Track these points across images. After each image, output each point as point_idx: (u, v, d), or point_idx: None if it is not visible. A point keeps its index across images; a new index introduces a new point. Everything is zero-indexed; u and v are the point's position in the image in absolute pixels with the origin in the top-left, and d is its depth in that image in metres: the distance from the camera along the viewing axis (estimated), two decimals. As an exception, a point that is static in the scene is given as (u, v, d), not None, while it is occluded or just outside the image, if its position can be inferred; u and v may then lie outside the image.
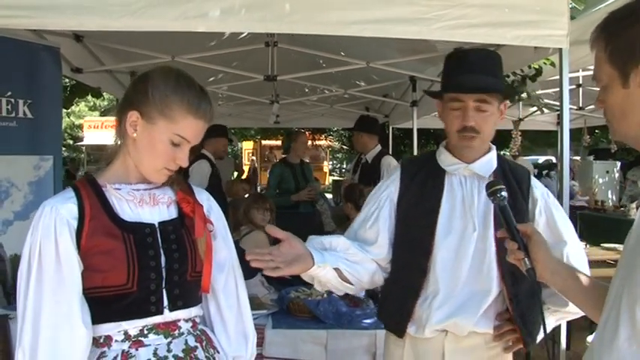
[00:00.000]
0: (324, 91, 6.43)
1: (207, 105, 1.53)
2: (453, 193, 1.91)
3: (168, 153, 1.51)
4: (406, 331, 1.89)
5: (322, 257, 1.77)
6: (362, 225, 1.97)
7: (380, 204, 1.96)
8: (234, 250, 1.74)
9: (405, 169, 2.00)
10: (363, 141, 5.30)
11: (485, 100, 1.81)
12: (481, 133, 1.83)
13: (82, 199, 1.47)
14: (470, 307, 1.84)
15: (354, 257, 1.88)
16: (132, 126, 1.51)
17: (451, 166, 1.92)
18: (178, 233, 1.56)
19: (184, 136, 1.50)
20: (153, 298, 1.49)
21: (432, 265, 1.86)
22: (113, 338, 1.47)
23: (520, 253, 1.45)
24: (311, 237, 1.87)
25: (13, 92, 3.18)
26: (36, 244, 1.41)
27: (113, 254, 1.44)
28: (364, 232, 1.95)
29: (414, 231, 1.91)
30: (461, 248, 1.86)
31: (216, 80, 6.08)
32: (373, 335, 2.78)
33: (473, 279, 1.85)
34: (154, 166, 1.52)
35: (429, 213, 1.88)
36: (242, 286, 1.72)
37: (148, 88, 1.50)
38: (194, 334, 1.59)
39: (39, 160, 3.31)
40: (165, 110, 1.48)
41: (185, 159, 1.52)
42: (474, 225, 1.86)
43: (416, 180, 1.95)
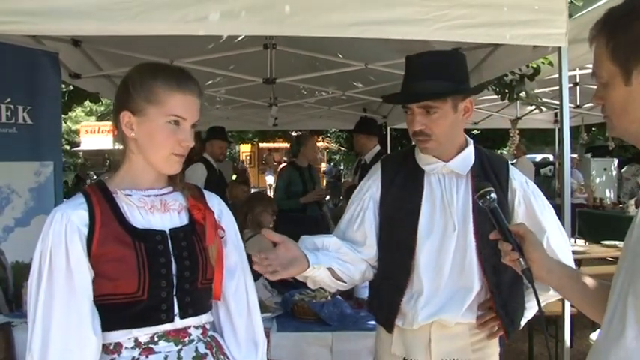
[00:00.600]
0: (322, 93, 6.43)
1: (190, 80, 1.53)
2: (433, 192, 1.95)
3: (169, 137, 1.50)
4: (395, 324, 1.96)
5: (316, 258, 1.82)
6: (349, 226, 2.01)
7: (364, 205, 1.99)
8: (244, 255, 1.73)
9: (385, 169, 2.03)
10: (362, 142, 5.32)
11: (429, 105, 1.84)
12: (433, 135, 1.86)
13: (92, 206, 1.47)
14: (454, 304, 1.90)
15: (346, 257, 1.93)
16: (128, 127, 1.52)
17: (429, 165, 1.95)
18: (189, 240, 1.55)
19: (178, 114, 1.50)
20: (164, 305, 1.48)
21: (416, 265, 1.91)
22: (123, 345, 1.47)
23: (515, 253, 1.45)
24: (303, 237, 1.91)
25: (12, 98, 3.18)
26: (47, 252, 1.41)
27: (124, 262, 1.44)
28: (352, 234, 1.99)
29: (397, 231, 1.96)
30: (442, 247, 1.91)
31: (214, 83, 6.07)
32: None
33: (455, 276, 1.91)
34: (162, 156, 1.51)
35: (411, 214, 1.93)
36: (252, 291, 1.72)
37: (129, 85, 1.52)
38: (204, 340, 1.58)
39: (39, 166, 3.30)
40: (150, 97, 1.49)
41: (188, 138, 1.51)
42: (454, 224, 1.91)
43: (396, 181, 1.98)
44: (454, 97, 1.87)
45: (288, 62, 4.93)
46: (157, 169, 1.55)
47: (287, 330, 2.84)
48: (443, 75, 1.87)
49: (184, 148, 1.53)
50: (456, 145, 1.95)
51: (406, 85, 1.92)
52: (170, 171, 1.55)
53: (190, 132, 1.53)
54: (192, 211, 1.58)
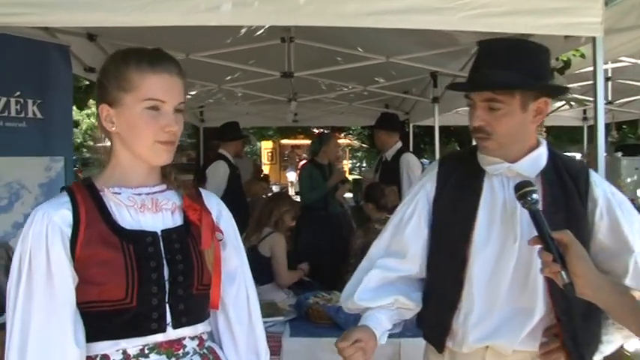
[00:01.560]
0: (343, 88, 6.30)
1: (166, 58, 1.40)
2: (494, 196, 1.70)
3: (150, 124, 1.36)
4: (446, 346, 1.75)
5: (382, 329, 1.75)
6: (396, 232, 1.82)
7: (417, 205, 1.80)
8: (245, 259, 1.60)
9: (443, 166, 1.82)
10: (383, 139, 5.17)
11: (495, 98, 1.61)
12: (493, 134, 1.63)
13: (77, 205, 1.35)
14: (511, 328, 1.65)
15: (407, 307, 1.80)
16: (108, 121, 1.40)
17: (491, 165, 1.70)
18: (183, 242, 1.42)
19: (154, 97, 1.36)
20: (154, 314, 1.35)
21: (468, 278, 1.69)
22: (110, 357, 1.35)
23: (556, 265, 1.30)
24: (357, 297, 1.80)
25: (22, 92, 3.10)
26: (26, 254, 1.29)
27: (110, 266, 1.31)
28: (399, 242, 1.81)
29: (448, 238, 1.74)
30: (501, 260, 1.67)
31: (233, 79, 5.99)
32: (397, 344, 2.63)
33: (515, 296, 1.66)
34: (145, 146, 1.38)
35: (465, 218, 1.70)
36: (254, 298, 1.59)
37: (102, 77, 1.41)
38: (200, 352, 1.45)
39: (49, 161, 3.23)
40: (122, 84, 1.36)
41: (172, 123, 1.36)
42: (515, 234, 1.66)
43: (452, 180, 1.77)
44: (524, 93, 1.62)
45: (308, 56, 4.80)
46: (146, 162, 1.42)
47: (300, 335, 2.72)
48: (515, 65, 1.62)
49: (169, 134, 1.38)
50: (524, 146, 1.70)
51: (471, 73, 1.71)
52: (159, 161, 1.42)
53: (174, 116, 1.38)
54: (187, 211, 1.46)
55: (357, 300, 1.78)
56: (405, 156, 5.05)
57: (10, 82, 3.05)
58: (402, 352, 2.60)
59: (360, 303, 1.78)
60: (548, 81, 1.70)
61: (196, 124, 8.45)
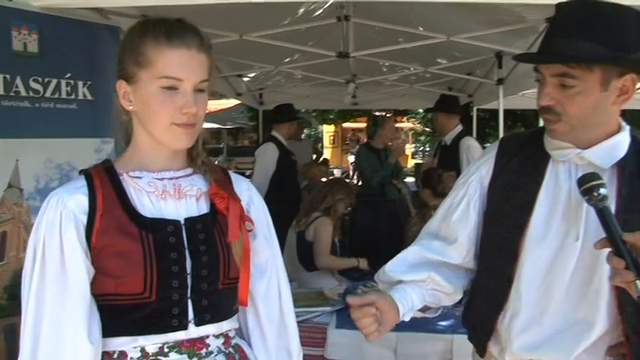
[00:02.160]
0: (403, 69, 6.09)
1: (185, 30, 1.26)
2: (558, 186, 1.47)
3: (166, 103, 1.24)
4: (488, 350, 1.56)
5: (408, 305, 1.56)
6: (446, 216, 1.64)
7: (468, 190, 1.61)
8: (278, 251, 1.48)
9: (503, 148, 1.60)
10: (442, 121, 4.96)
11: (568, 73, 1.36)
12: (563, 115, 1.40)
13: (94, 190, 1.25)
14: (564, 341, 1.43)
15: (442, 288, 1.62)
16: (125, 98, 1.29)
17: (558, 150, 1.47)
18: (208, 232, 1.31)
19: (170, 75, 1.24)
20: (175, 309, 1.25)
21: (518, 276, 1.48)
22: (128, 355, 1.26)
23: (629, 274, 1.12)
24: (388, 268, 1.65)
25: (72, 74, 3.08)
26: (39, 242, 1.21)
27: (128, 257, 1.22)
28: (447, 227, 1.63)
29: (500, 228, 1.54)
30: (557, 260, 1.44)
31: (292, 61, 5.91)
32: (449, 341, 2.48)
33: (572, 304, 1.44)
34: (161, 127, 1.26)
35: (521, 207, 1.49)
36: (287, 293, 1.46)
37: (120, 50, 1.30)
38: (226, 352, 1.35)
39: (100, 143, 3.20)
40: (139, 59, 1.24)
41: (190, 104, 1.24)
42: (577, 232, 1.42)
43: (511, 163, 1.55)
44: (606, 68, 1.36)
45: (366, 36, 4.64)
46: (163, 143, 1.30)
47: (347, 327, 2.59)
48: (596, 34, 1.35)
49: (187, 116, 1.25)
50: (601, 132, 1.45)
51: (543, 43, 1.46)
52: (177, 145, 1.30)
53: (194, 96, 1.25)
54: (213, 198, 1.33)
55: (388, 270, 1.63)
56: (466, 140, 4.82)
57: (61, 64, 3.02)
58: (455, 349, 2.44)
59: (391, 274, 1.62)
60: (637, 55, 1.39)
61: (255, 106, 8.43)
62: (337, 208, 3.80)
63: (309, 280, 3.53)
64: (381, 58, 5.38)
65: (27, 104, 3.00)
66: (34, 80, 3.01)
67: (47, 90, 3.05)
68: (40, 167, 3.01)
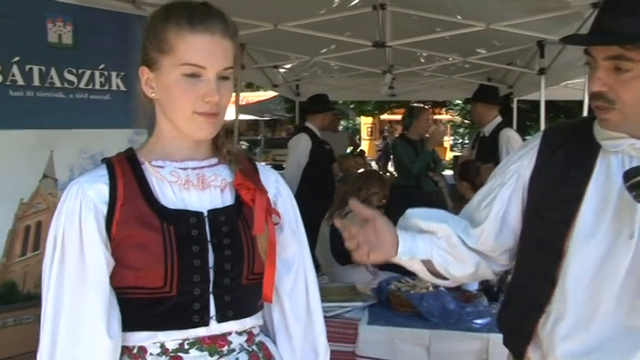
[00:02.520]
0: (442, 60, 5.97)
1: (209, 15, 1.20)
2: (609, 179, 1.33)
3: (188, 91, 1.19)
4: (526, 355, 1.43)
5: (410, 247, 1.45)
6: (479, 203, 1.54)
7: (504, 179, 1.49)
8: (306, 245, 1.42)
9: (548, 138, 1.48)
10: (480, 112, 4.83)
11: (622, 55, 1.23)
12: (617, 103, 1.27)
13: (115, 179, 1.21)
14: (615, 351, 1.29)
15: (453, 250, 1.49)
16: (148, 85, 1.24)
17: (610, 140, 1.34)
18: (233, 225, 1.26)
19: (192, 62, 1.18)
20: (196, 305, 1.20)
21: (563, 276, 1.35)
22: (148, 350, 1.22)
23: None
24: (410, 212, 1.53)
25: (106, 65, 3.09)
26: (59, 232, 1.17)
27: (148, 249, 1.17)
28: (477, 212, 1.53)
29: (544, 225, 1.41)
30: (608, 260, 1.31)
31: (329, 51, 5.85)
32: (485, 339, 2.39)
33: (624, 309, 1.30)
34: (182, 116, 1.21)
35: (568, 203, 1.36)
36: (314, 290, 1.40)
37: (143, 35, 1.25)
38: (249, 349, 1.29)
39: (133, 134, 3.20)
40: (161, 45, 1.19)
41: (212, 93, 1.19)
42: (631, 229, 1.28)
43: (557, 155, 1.42)
44: None
45: (403, 26, 4.54)
46: (185, 132, 1.24)
47: (379, 323, 2.53)
48: None
49: (210, 105, 1.20)
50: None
51: (595, 23, 1.33)
52: (199, 135, 1.25)
53: (217, 84, 1.20)
54: (239, 189, 1.28)
55: (408, 213, 1.54)
56: (505, 131, 4.68)
57: (95, 55, 3.03)
58: (491, 349, 2.35)
59: (410, 217, 1.53)
60: None
61: (292, 98, 8.40)
62: (371, 200, 3.73)
63: (342, 274, 3.48)
64: (419, 48, 5.27)
65: (61, 95, 3.03)
66: (68, 71, 3.03)
67: (81, 81, 3.06)
68: (75, 158, 3.03)
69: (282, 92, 8.27)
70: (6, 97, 2.88)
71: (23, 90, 2.92)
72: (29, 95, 2.94)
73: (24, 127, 2.93)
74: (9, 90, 2.88)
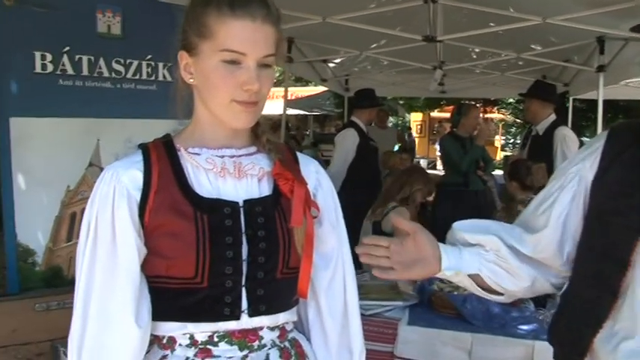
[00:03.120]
0: (494, 56, 5.80)
1: (249, 0, 1.15)
2: None
3: (227, 79, 1.14)
4: None
5: (456, 262, 1.35)
6: (536, 208, 1.41)
7: (564, 182, 1.37)
8: (346, 241, 1.35)
9: (614, 138, 1.35)
10: (535, 109, 4.63)
11: None
12: None
13: (149, 165, 1.18)
14: None
15: (504, 263, 1.38)
16: (186, 70, 1.21)
17: None
18: (269, 217, 1.20)
19: (232, 48, 1.12)
20: (228, 298, 1.16)
21: (628, 288, 1.22)
22: (177, 341, 1.20)
23: None
24: (456, 225, 1.43)
25: (153, 55, 3.12)
26: (92, 218, 1.15)
27: (180, 238, 1.14)
28: (534, 218, 1.41)
29: (608, 232, 1.28)
30: None
31: (378, 46, 5.77)
32: (530, 346, 2.27)
33: None
34: (220, 104, 1.17)
35: (634, 209, 1.23)
36: (352, 287, 1.34)
37: (183, 20, 1.20)
38: (280, 346, 1.25)
39: (177, 124, 3.20)
40: (201, 29, 1.15)
41: (252, 81, 1.13)
42: None
43: (624, 157, 1.29)
44: None
45: (454, 20, 4.43)
46: (223, 121, 1.20)
47: (420, 324, 2.45)
48: None
49: (249, 94, 1.15)
50: None
51: None
52: (237, 124, 1.20)
53: (257, 72, 1.14)
54: (277, 179, 1.23)
55: (455, 226, 1.44)
56: (561, 129, 4.48)
57: (142, 45, 3.07)
58: (536, 357, 2.25)
59: (457, 230, 1.43)
60: None
61: (341, 93, 8.34)
62: (415, 197, 3.65)
63: None
64: (470, 43, 5.14)
65: (109, 85, 3.06)
66: (116, 62, 3.06)
67: (129, 71, 3.10)
68: (120, 147, 3.06)
69: (331, 87, 8.22)
70: (56, 86, 2.93)
71: (72, 79, 2.97)
72: (78, 85, 2.99)
73: (72, 115, 2.98)
74: (59, 79, 2.94)
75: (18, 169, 2.84)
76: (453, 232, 1.43)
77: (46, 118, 2.93)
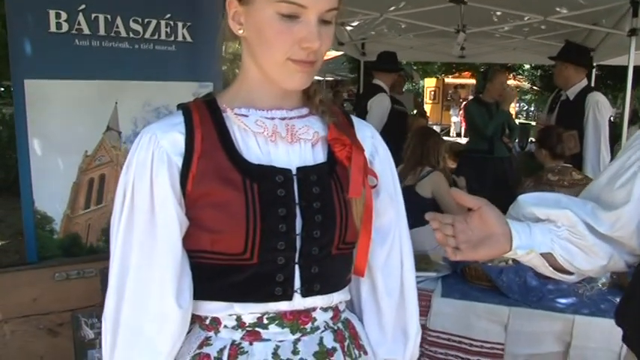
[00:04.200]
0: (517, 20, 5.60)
1: None
2: None
3: (284, 34, 1.00)
4: None
5: (527, 240, 1.22)
6: (611, 181, 1.29)
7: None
8: (403, 213, 1.24)
9: None
10: (567, 74, 4.36)
11: None
12: None
13: (192, 128, 1.05)
14: None
15: (581, 240, 1.26)
16: (235, 21, 1.06)
17: None
18: (325, 186, 1.09)
19: (292, 0, 1.00)
20: (280, 276, 1.06)
21: None
22: (222, 322, 1.09)
23: None
24: (521, 198, 1.31)
25: (172, 14, 2.99)
26: (129, 185, 1.04)
27: (227, 209, 1.02)
28: (609, 192, 1.29)
29: None
30: None
31: (398, 8, 5.58)
32: (570, 321, 2.18)
33: None
34: (274, 62, 1.03)
35: None
36: (410, 264, 1.23)
37: None
38: (334, 327, 1.15)
39: (198, 86, 3.11)
40: None
41: (312, 38, 1.00)
42: None
43: None
44: None
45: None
46: (275, 81, 1.08)
47: (453, 296, 2.36)
48: None
49: (307, 52, 1.02)
50: None
51: None
52: (290, 85, 1.07)
53: (318, 28, 1.01)
54: (333, 145, 1.11)
55: (520, 199, 1.32)
56: (593, 95, 4.25)
57: (161, 3, 2.96)
58: (575, 331, 2.15)
59: (523, 204, 1.31)
60: None
61: (357, 57, 8.15)
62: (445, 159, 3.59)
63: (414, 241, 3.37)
64: (495, 5, 4.94)
65: (127, 45, 2.94)
66: (134, 21, 2.93)
67: (147, 31, 2.97)
68: (139, 110, 2.96)
69: (347, 51, 8.03)
70: (71, 46, 2.81)
71: (88, 39, 2.85)
72: (94, 45, 2.87)
73: (88, 77, 2.87)
74: (75, 39, 2.82)
75: (34, 134, 2.75)
76: (519, 206, 1.30)
77: (61, 81, 2.82)
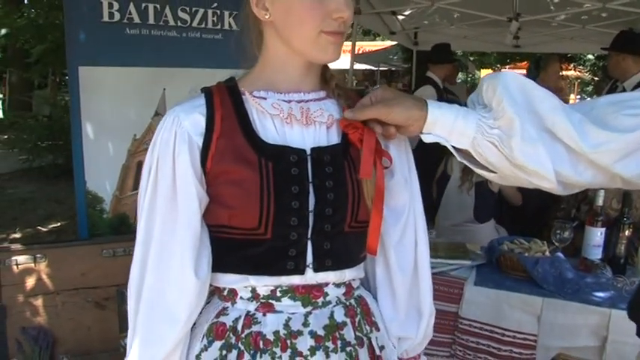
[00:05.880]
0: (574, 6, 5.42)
1: None
2: None
3: (315, 10, 1.05)
4: None
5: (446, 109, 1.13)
6: (619, 104, 1.07)
7: None
8: (418, 195, 1.27)
9: None
10: (625, 65, 4.16)
11: None
12: None
13: (212, 109, 1.11)
14: None
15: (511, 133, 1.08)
16: (260, 6, 1.11)
17: None
18: (338, 166, 1.13)
19: None
20: (292, 251, 1.11)
21: None
22: (238, 294, 1.16)
23: None
24: None
25: (219, 3, 3.08)
26: (154, 163, 1.11)
27: (243, 186, 1.08)
28: (611, 114, 1.06)
29: None
30: None
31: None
32: (606, 315, 2.14)
33: None
34: (308, 37, 1.08)
35: None
36: (424, 244, 1.26)
37: None
38: (346, 303, 1.20)
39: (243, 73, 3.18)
40: None
41: (343, 7, 1.05)
42: None
43: None
44: None
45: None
46: (308, 58, 1.13)
47: (487, 285, 2.34)
48: None
49: (339, 23, 1.07)
50: None
51: None
52: (325, 58, 1.12)
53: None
54: (346, 129, 1.15)
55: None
56: None
57: (208, -7, 3.02)
58: (612, 326, 2.11)
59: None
60: None
61: (409, 47, 8.08)
62: None
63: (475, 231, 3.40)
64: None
65: (175, 34, 3.05)
66: (182, 10, 3.03)
67: (194, 20, 3.07)
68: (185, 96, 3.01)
69: (399, 40, 7.98)
70: (123, 34, 2.93)
71: (139, 28, 2.97)
72: (144, 33, 2.99)
73: (138, 64, 2.99)
74: (126, 28, 2.94)
75: (86, 118, 2.89)
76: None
77: (113, 67, 2.95)
